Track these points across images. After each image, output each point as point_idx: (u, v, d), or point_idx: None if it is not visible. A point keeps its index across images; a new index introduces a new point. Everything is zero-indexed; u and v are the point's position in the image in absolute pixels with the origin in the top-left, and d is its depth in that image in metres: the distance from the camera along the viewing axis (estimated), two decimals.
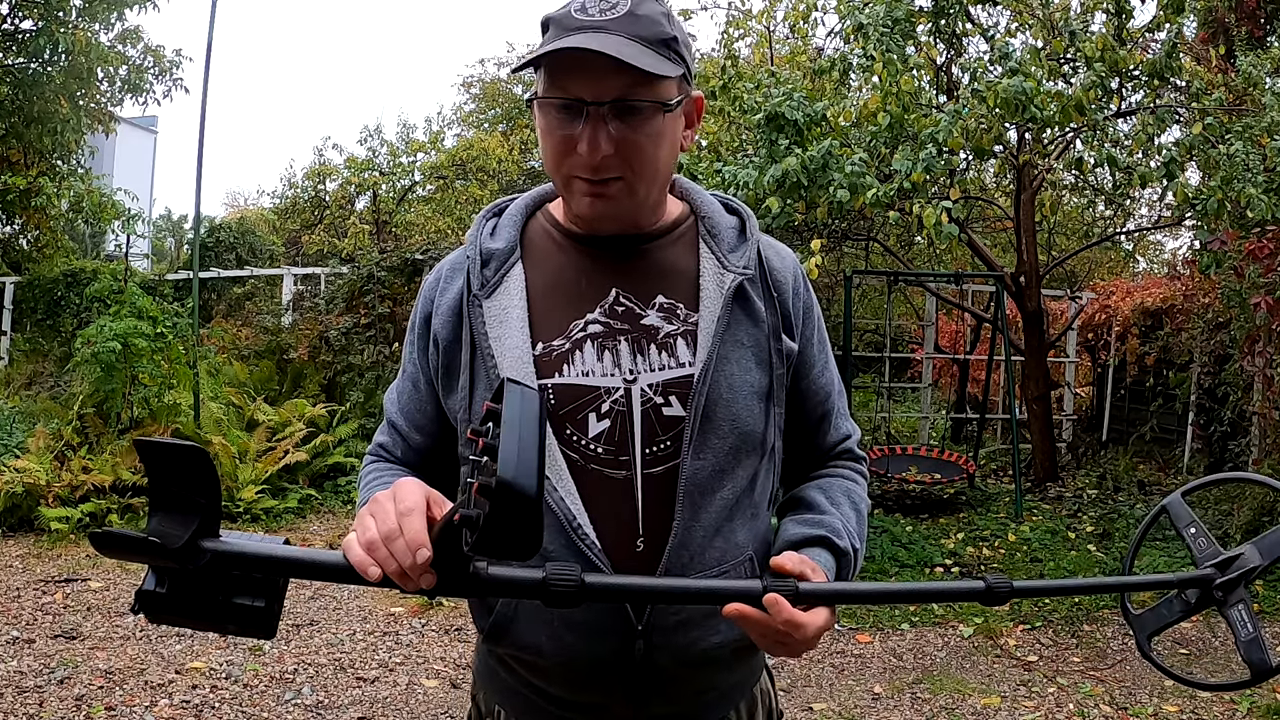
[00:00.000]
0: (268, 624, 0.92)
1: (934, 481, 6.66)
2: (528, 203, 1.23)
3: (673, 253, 1.17)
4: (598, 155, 1.04)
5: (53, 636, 4.12)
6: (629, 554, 1.09)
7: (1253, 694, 3.78)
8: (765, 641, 1.01)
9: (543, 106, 1.06)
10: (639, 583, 0.98)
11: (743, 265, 1.15)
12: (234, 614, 0.91)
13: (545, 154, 1.10)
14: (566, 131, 1.05)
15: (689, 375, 1.10)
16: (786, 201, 5.34)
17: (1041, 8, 6.41)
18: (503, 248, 1.17)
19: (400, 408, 1.23)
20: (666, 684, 1.13)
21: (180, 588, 0.89)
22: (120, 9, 9.79)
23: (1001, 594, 0.97)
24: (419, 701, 3.65)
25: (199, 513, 0.88)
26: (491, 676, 1.23)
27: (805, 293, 1.22)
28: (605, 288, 1.14)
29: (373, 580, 0.90)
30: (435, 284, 1.20)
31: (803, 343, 1.20)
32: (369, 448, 1.27)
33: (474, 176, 13.43)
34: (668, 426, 1.10)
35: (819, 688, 3.89)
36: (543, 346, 1.11)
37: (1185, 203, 5.45)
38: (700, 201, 1.21)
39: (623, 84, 1.02)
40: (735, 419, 1.11)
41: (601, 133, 1.03)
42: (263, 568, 0.91)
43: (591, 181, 1.07)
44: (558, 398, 1.10)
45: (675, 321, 1.13)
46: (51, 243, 10.72)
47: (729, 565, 1.13)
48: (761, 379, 1.14)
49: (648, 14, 1.05)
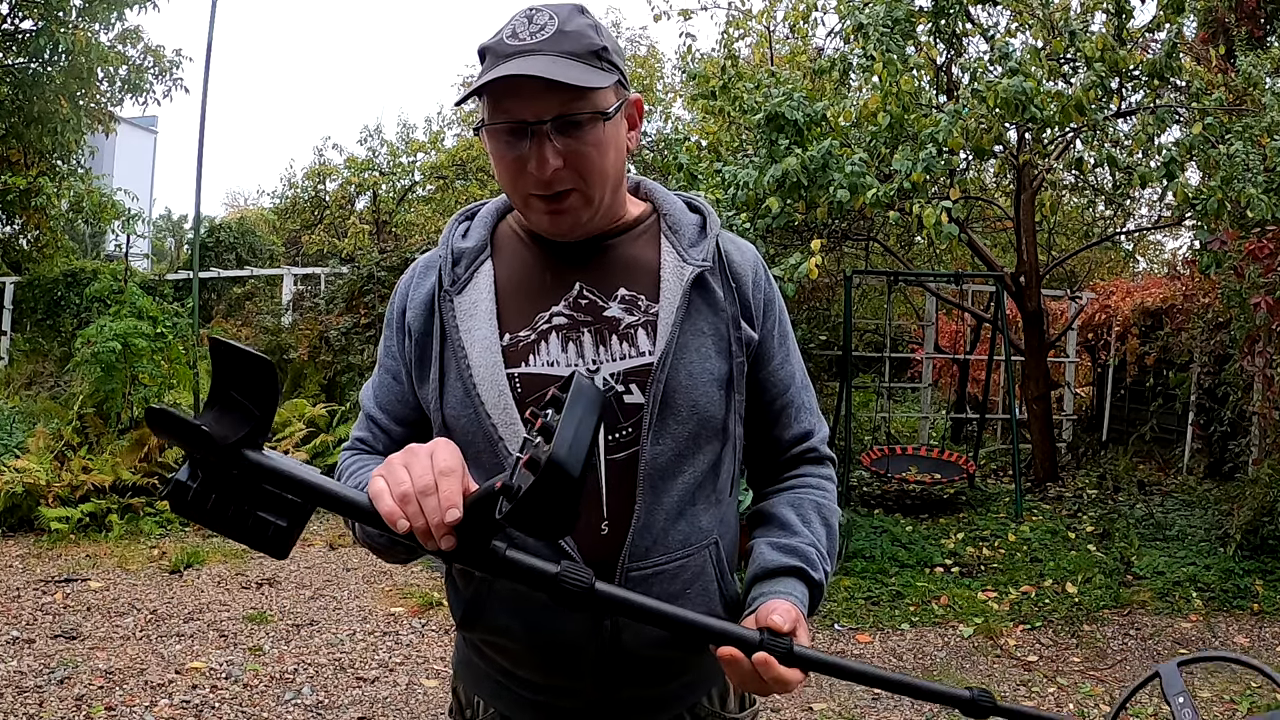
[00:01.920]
0: (284, 544, 0.94)
1: (934, 481, 6.66)
2: (498, 206, 1.28)
3: (635, 248, 1.21)
4: (547, 170, 1.08)
5: (53, 636, 4.12)
6: (594, 537, 1.13)
7: (1252, 694, 3.78)
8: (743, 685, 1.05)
9: (490, 132, 1.12)
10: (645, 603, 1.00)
11: (702, 258, 1.19)
12: (255, 527, 0.93)
13: (500, 178, 1.15)
14: (516, 153, 1.10)
15: (648, 364, 1.15)
16: (786, 201, 5.33)
17: (1041, 8, 6.41)
18: (473, 246, 1.22)
19: (379, 402, 1.26)
20: (635, 666, 1.16)
21: (212, 488, 0.91)
22: (120, 9, 9.80)
23: (984, 707, 1.03)
24: (419, 701, 3.65)
25: (251, 421, 0.90)
26: (468, 665, 1.27)
27: (767, 286, 1.26)
28: (569, 282, 1.19)
29: (399, 532, 0.92)
30: (409, 280, 1.26)
31: (763, 334, 1.24)
32: (345, 443, 1.30)
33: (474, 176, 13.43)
34: (629, 414, 1.14)
35: (819, 688, 3.89)
36: (510, 338, 1.16)
37: (1185, 203, 5.45)
38: (662, 200, 1.26)
39: (559, 101, 1.07)
40: (695, 405, 1.15)
41: (548, 149, 1.08)
42: (297, 490, 0.93)
43: (546, 198, 1.12)
44: (523, 386, 1.15)
45: (636, 313, 1.17)
46: (51, 243, 10.72)
47: (693, 549, 1.17)
48: (721, 366, 1.18)
49: (576, 29, 1.10)
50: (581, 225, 1.16)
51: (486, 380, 1.14)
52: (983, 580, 5.20)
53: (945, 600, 4.88)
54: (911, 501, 6.67)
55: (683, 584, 1.17)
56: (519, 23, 1.11)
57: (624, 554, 1.12)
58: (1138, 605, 4.82)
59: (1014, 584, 5.12)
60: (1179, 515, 6.08)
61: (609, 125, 1.12)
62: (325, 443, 7.07)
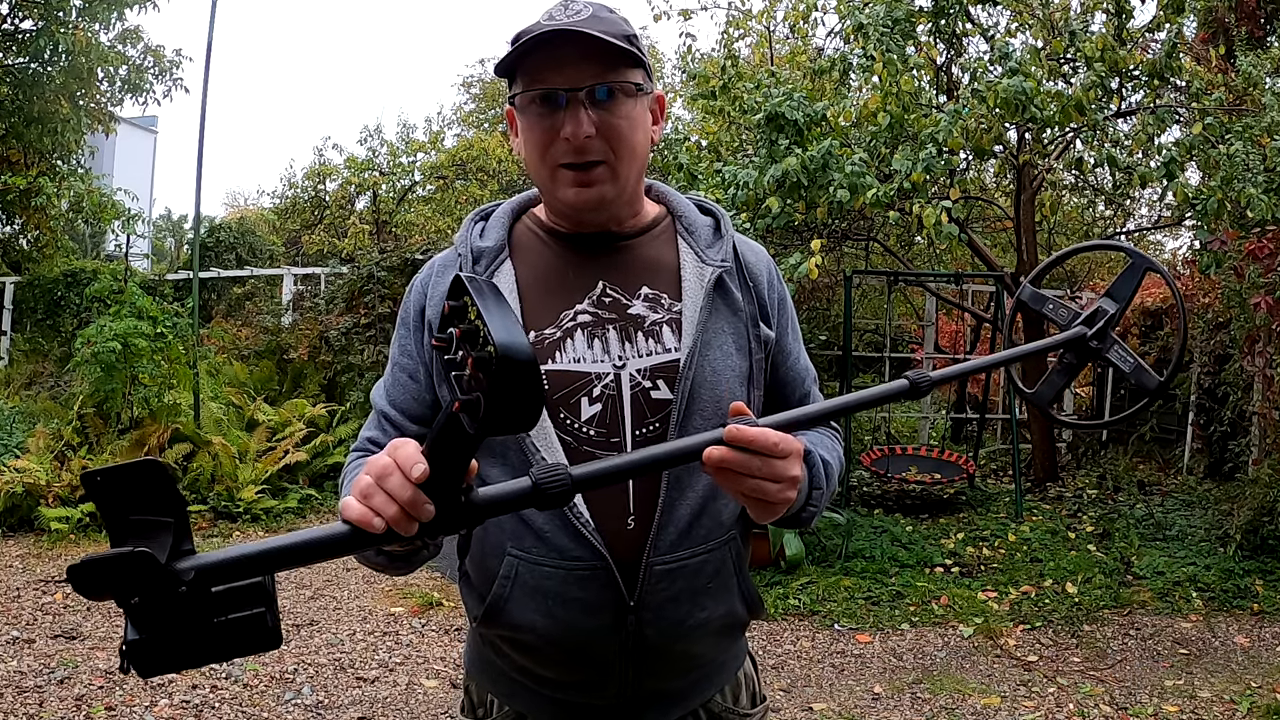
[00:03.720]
0: (272, 633, 0.83)
1: (934, 481, 6.66)
2: (513, 206, 1.29)
3: (653, 248, 1.24)
4: (581, 136, 1.10)
5: (53, 636, 4.12)
6: (621, 531, 1.14)
7: (1252, 694, 3.78)
8: (750, 487, 0.97)
9: (523, 103, 1.14)
10: (619, 462, 0.95)
11: (720, 259, 1.22)
12: (233, 632, 0.81)
13: (529, 150, 1.16)
14: (548, 123, 1.12)
15: (675, 360, 1.16)
16: (786, 201, 5.33)
17: (1041, 8, 6.41)
18: (492, 245, 1.22)
19: (392, 400, 1.25)
20: (656, 660, 1.17)
21: (166, 626, 0.78)
22: (120, 9, 9.79)
23: (923, 387, 1.03)
24: (419, 701, 3.65)
25: (169, 531, 0.78)
26: (485, 664, 1.26)
27: (779, 286, 1.30)
28: (592, 280, 1.20)
29: (377, 531, 0.84)
30: (428, 278, 1.26)
31: (778, 331, 1.27)
32: (355, 444, 1.28)
33: (474, 176, 13.42)
34: (656, 409, 1.16)
35: (819, 688, 3.89)
36: (535, 335, 1.17)
37: (1185, 203, 5.46)
38: (675, 203, 1.29)
39: (594, 71, 1.11)
40: (719, 401, 1.16)
41: (583, 116, 1.11)
42: (254, 568, 0.81)
43: (576, 168, 1.13)
44: (551, 383, 1.15)
45: (660, 310, 1.19)
46: (51, 243, 10.71)
47: (715, 543, 1.19)
48: (742, 364, 1.20)
49: (610, 16, 1.15)
50: (606, 203, 1.17)
51: None
52: (983, 580, 5.20)
53: (945, 600, 4.88)
54: (911, 501, 6.66)
55: (705, 578, 1.18)
56: (556, 8, 1.15)
57: (648, 547, 1.14)
58: (1138, 605, 4.82)
59: (1014, 584, 5.12)
60: (1179, 515, 6.08)
61: (639, 105, 1.16)
62: (325, 443, 7.07)
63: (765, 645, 4.33)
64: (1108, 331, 1.17)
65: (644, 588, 1.14)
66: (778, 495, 0.98)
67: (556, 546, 1.14)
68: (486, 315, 0.82)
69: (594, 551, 1.13)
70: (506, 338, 0.79)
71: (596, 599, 1.14)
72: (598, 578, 1.13)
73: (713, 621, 1.19)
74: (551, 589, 1.14)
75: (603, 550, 1.13)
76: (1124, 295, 1.18)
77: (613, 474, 0.95)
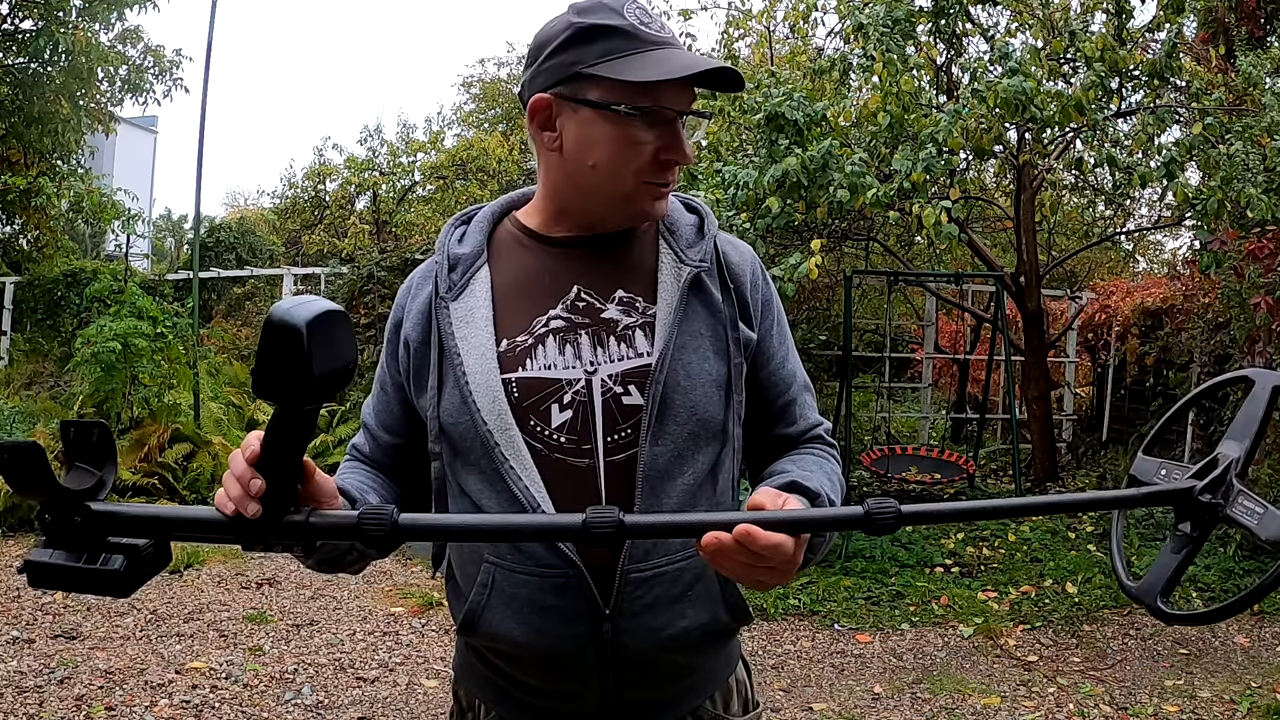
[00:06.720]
0: (123, 580, 0.88)
1: (934, 481, 6.65)
2: (495, 210, 1.28)
3: (634, 250, 1.22)
4: (691, 156, 1.15)
5: (53, 636, 4.12)
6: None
7: (1252, 694, 3.78)
8: (746, 578, 0.96)
9: (619, 115, 1.11)
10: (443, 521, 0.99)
11: (699, 259, 1.19)
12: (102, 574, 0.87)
13: (611, 160, 1.13)
14: (645, 140, 1.13)
15: (647, 365, 1.14)
16: (786, 201, 5.33)
17: (1041, 8, 6.41)
18: (469, 252, 1.22)
19: (373, 411, 1.28)
20: (636, 669, 1.15)
21: (62, 549, 0.87)
22: (120, 9, 9.80)
23: (884, 523, 0.87)
24: (419, 701, 3.65)
25: (96, 479, 0.88)
26: (470, 669, 1.26)
27: (765, 286, 1.26)
28: (567, 284, 1.19)
29: (228, 513, 0.88)
30: (407, 292, 1.26)
31: (762, 333, 1.23)
32: (347, 450, 1.32)
33: (474, 176, 13.41)
34: (628, 415, 1.13)
35: (819, 688, 3.89)
36: (507, 343, 1.16)
37: (1185, 203, 5.45)
38: None
39: (692, 96, 1.16)
40: (694, 406, 1.14)
41: (685, 139, 1.15)
42: (144, 528, 0.89)
43: (663, 185, 1.16)
44: (520, 391, 1.14)
45: (634, 314, 1.17)
46: (51, 243, 10.72)
47: (694, 551, 1.11)
48: (720, 368, 1.17)
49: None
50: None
51: (482, 387, 1.13)
52: (983, 580, 5.20)
53: (945, 600, 4.88)
54: (912, 501, 6.66)
55: (684, 586, 1.16)
56: (639, 11, 1.14)
57: (624, 556, 1.11)
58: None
59: (1014, 584, 5.12)
60: None
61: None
62: (325, 443, 7.07)
63: (765, 645, 4.33)
64: (1225, 480, 0.92)
65: (619, 596, 1.12)
66: (771, 583, 0.96)
67: (531, 554, 1.13)
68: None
69: (566, 559, 1.11)
70: (280, 304, 0.82)
71: (572, 607, 1.12)
72: (572, 585, 1.12)
73: (694, 630, 1.17)
74: (527, 597, 1.13)
75: (574, 558, 1.11)
76: (1249, 432, 0.93)
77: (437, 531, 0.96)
